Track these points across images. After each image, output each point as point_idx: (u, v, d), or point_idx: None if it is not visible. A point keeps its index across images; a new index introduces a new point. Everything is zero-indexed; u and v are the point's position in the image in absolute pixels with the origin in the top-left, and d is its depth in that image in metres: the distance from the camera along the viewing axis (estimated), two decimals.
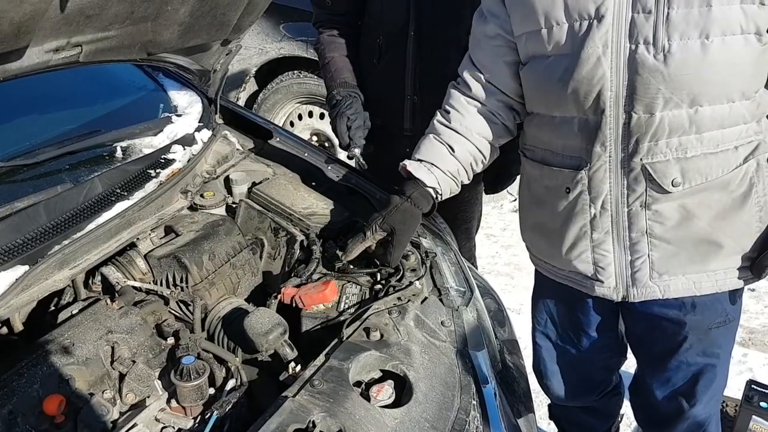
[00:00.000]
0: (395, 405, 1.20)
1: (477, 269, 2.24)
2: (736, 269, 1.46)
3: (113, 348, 1.31)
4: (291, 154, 1.97)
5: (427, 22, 1.97)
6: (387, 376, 1.27)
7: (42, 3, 1.11)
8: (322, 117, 4.07)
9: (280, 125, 2.74)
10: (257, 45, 3.97)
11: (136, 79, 2.13)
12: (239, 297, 1.62)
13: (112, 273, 1.49)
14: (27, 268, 1.31)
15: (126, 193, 1.60)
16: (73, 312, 1.37)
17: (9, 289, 1.25)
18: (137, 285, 1.50)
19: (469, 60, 1.60)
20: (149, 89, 2.11)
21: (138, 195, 1.61)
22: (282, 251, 1.71)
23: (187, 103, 2.05)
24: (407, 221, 1.55)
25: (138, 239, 1.57)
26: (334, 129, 1.98)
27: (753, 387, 2.29)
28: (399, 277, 1.50)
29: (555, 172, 1.49)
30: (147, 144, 1.81)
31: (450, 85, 1.64)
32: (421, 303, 1.46)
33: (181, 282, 1.51)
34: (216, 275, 1.56)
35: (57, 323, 1.33)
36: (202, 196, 1.77)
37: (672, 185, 1.36)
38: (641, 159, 1.36)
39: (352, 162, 2.00)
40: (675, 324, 1.54)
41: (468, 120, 1.57)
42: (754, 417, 2.24)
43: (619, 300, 1.52)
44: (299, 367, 1.29)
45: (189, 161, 1.80)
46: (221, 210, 1.78)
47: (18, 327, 1.34)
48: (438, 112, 1.63)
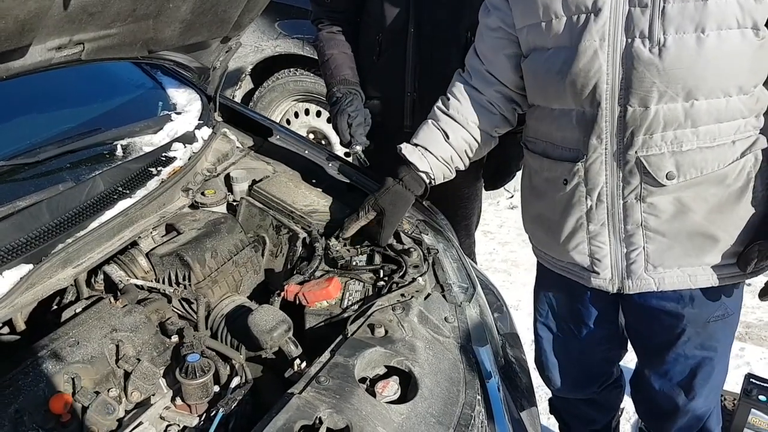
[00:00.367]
0: (401, 401, 1.20)
1: (477, 265, 2.24)
2: (732, 263, 1.46)
3: (118, 346, 1.31)
4: (291, 151, 1.96)
5: (427, 20, 1.97)
6: (392, 372, 1.27)
7: (46, 0, 1.10)
8: (318, 115, 4.06)
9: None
10: (253, 43, 3.94)
11: (134, 77, 2.12)
12: (242, 295, 1.62)
13: (114, 271, 1.49)
14: (31, 266, 1.31)
15: (128, 191, 1.60)
16: (77, 311, 1.37)
17: (14, 288, 1.25)
18: (140, 283, 1.50)
19: (474, 50, 1.63)
20: (148, 87, 2.10)
21: (140, 193, 1.61)
22: (284, 249, 1.71)
23: (186, 101, 2.05)
24: (397, 203, 1.61)
25: (140, 237, 1.57)
26: (334, 126, 1.98)
27: (752, 380, 2.30)
28: (402, 274, 1.50)
29: (554, 164, 1.51)
30: (147, 142, 1.80)
31: (456, 73, 1.67)
32: (425, 299, 1.47)
33: (184, 280, 1.51)
34: (218, 273, 1.55)
35: (61, 322, 1.33)
36: (203, 194, 1.77)
37: (666, 178, 1.37)
38: (636, 152, 1.37)
39: (351, 159, 2.00)
40: (673, 317, 1.55)
41: (466, 108, 1.60)
42: (752, 410, 2.25)
43: (615, 292, 1.54)
44: (304, 364, 1.29)
45: (190, 159, 1.79)
46: (222, 208, 1.78)
47: (20, 326, 1.34)
48: (440, 98, 1.66)
